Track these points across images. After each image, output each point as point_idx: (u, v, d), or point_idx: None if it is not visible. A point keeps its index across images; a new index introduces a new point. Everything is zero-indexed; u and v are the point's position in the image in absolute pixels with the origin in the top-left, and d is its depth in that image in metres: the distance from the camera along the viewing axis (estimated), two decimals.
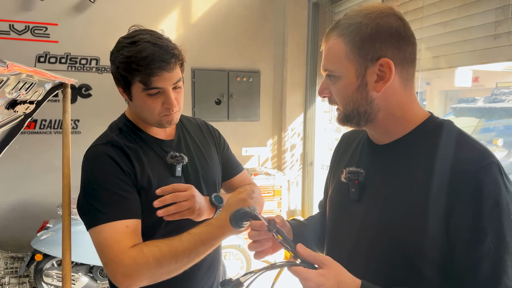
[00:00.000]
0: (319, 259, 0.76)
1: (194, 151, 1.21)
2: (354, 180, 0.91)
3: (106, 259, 0.97)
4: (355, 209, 0.91)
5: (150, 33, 1.08)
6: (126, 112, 1.20)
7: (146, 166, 1.09)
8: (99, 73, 3.57)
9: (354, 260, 0.81)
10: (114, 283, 0.98)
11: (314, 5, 3.81)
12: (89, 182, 1.05)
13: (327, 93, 0.88)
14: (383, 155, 0.90)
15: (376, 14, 0.81)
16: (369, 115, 0.85)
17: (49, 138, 3.48)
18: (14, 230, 3.36)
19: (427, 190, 0.78)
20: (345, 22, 0.83)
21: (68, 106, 1.37)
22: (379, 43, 0.80)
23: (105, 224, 0.99)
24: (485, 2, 2.24)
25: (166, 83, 1.05)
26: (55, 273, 2.97)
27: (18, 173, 3.33)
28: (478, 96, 6.14)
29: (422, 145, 0.84)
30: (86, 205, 1.04)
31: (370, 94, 0.83)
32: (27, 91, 1.24)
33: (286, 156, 4.09)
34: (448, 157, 0.78)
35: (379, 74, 0.81)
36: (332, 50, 0.84)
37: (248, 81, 3.99)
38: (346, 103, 0.85)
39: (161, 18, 3.68)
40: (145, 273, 0.95)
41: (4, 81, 1.09)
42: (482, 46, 2.29)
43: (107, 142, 1.09)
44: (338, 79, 0.84)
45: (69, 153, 1.31)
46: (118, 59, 1.05)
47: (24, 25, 3.31)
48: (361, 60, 0.81)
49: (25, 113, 1.41)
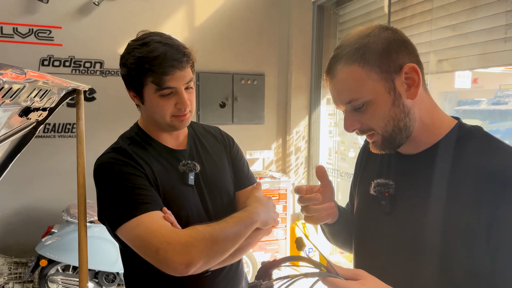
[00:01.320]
0: (354, 272, 0.74)
1: (206, 160, 1.19)
2: (384, 193, 0.90)
3: (156, 245, 0.93)
4: (387, 222, 0.89)
5: (160, 34, 1.08)
6: (139, 121, 1.19)
7: (157, 174, 1.08)
8: (103, 76, 3.54)
9: (389, 274, 0.79)
10: (169, 269, 0.93)
11: (319, 8, 3.80)
12: (107, 186, 1.03)
13: (357, 125, 0.85)
14: (412, 166, 0.88)
15: (378, 31, 0.82)
16: (409, 128, 0.83)
17: (53, 142, 3.45)
18: (18, 235, 3.33)
19: (464, 200, 0.77)
20: (348, 50, 0.81)
21: (82, 112, 1.35)
22: (395, 53, 0.80)
23: (141, 216, 0.96)
24: (495, 5, 2.23)
25: (179, 83, 1.05)
26: (60, 279, 2.94)
27: (22, 177, 3.30)
28: (477, 98, 6.15)
29: (454, 154, 0.82)
30: (111, 207, 1.02)
31: (406, 104, 0.82)
32: (41, 99, 1.22)
33: (291, 159, 4.07)
34: (483, 165, 0.77)
35: (406, 82, 0.81)
36: (349, 80, 0.81)
37: (252, 84, 3.97)
38: (386, 123, 0.83)
39: (165, 21, 3.66)
40: (203, 249, 0.94)
41: (20, 89, 1.06)
42: (492, 49, 2.28)
43: (115, 150, 1.09)
44: (369, 103, 0.82)
45: (83, 161, 1.28)
46: (129, 60, 1.05)
47: (27, 28, 3.29)
48: (385, 75, 0.80)
49: (38, 120, 1.38)
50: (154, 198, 1.02)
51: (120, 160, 1.05)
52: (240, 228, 1.03)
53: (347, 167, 3.67)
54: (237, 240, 1.02)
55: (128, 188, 1.01)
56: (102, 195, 1.05)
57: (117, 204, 1.00)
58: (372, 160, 1.01)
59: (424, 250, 0.82)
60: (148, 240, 0.94)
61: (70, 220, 2.94)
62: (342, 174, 3.75)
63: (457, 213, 0.77)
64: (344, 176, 3.72)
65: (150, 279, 1.08)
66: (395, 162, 0.93)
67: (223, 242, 0.98)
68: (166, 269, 0.93)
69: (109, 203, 1.03)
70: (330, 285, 0.72)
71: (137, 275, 1.12)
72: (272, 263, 0.78)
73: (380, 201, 0.90)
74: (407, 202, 0.87)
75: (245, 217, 1.06)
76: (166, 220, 0.98)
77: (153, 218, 0.97)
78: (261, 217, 1.09)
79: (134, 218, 0.96)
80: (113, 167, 1.04)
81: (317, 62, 3.88)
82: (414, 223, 0.84)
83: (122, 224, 0.98)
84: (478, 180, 0.76)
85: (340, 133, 3.80)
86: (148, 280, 1.09)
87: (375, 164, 0.99)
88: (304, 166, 4.08)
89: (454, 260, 0.78)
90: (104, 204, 1.04)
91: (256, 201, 1.14)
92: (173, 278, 0.96)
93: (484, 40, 2.30)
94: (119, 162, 1.05)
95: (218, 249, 0.98)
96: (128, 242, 0.99)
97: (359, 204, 1.01)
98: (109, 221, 1.02)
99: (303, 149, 4.08)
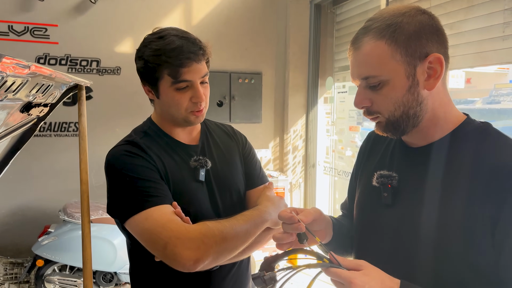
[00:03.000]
0: (356, 263, 0.74)
1: (217, 157, 1.18)
2: (387, 184, 0.88)
3: (165, 239, 0.92)
4: (389, 214, 0.88)
5: (176, 29, 1.09)
6: (152, 116, 1.19)
7: (168, 169, 1.07)
8: (100, 75, 3.52)
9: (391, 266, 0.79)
10: (177, 264, 0.92)
11: (316, 7, 3.81)
12: (118, 178, 1.02)
13: (368, 103, 0.83)
14: (418, 158, 0.87)
15: (414, 12, 0.79)
16: (418, 118, 0.82)
17: (49, 141, 3.42)
18: (14, 235, 3.30)
19: (470, 194, 0.76)
20: (380, 24, 0.79)
21: (84, 108, 1.34)
22: (425, 39, 0.78)
23: (151, 209, 0.96)
24: (492, 4, 2.24)
25: (195, 76, 1.04)
26: (57, 279, 2.92)
27: (18, 177, 3.26)
28: (471, 97, 6.22)
29: (462, 148, 0.81)
30: (120, 199, 1.01)
31: (421, 94, 0.80)
32: (43, 94, 1.20)
33: (289, 158, 4.08)
34: (491, 160, 0.76)
35: (428, 72, 0.79)
36: (373, 55, 0.79)
37: (250, 82, 3.96)
38: (395, 108, 0.81)
39: (162, 19, 3.64)
40: (212, 245, 0.93)
41: (23, 83, 1.05)
42: (489, 48, 2.29)
43: (127, 142, 1.09)
44: (385, 83, 0.80)
45: (86, 158, 1.27)
46: (146, 53, 1.04)
47: (23, 26, 3.25)
48: (409, 59, 0.78)
49: (39, 116, 1.37)
50: (165, 192, 1.01)
51: (132, 152, 1.05)
52: (250, 227, 1.02)
53: (344, 166, 3.68)
54: (247, 238, 1.01)
55: (139, 181, 1.00)
56: (112, 187, 1.04)
57: (127, 196, 0.99)
58: (375, 152, 1.00)
59: (425, 243, 0.81)
60: (156, 234, 0.93)
61: (67, 220, 2.91)
62: (339, 172, 3.75)
63: (462, 207, 0.76)
64: (341, 175, 3.73)
65: (158, 275, 1.07)
66: (400, 154, 0.92)
67: (232, 239, 0.97)
68: (174, 264, 0.92)
69: (119, 195, 1.02)
70: (333, 275, 0.72)
71: (144, 271, 1.11)
72: (275, 257, 0.78)
73: (382, 193, 0.89)
74: (409, 195, 0.86)
75: (255, 215, 1.05)
76: (177, 215, 0.98)
77: (163, 212, 0.96)
78: (272, 217, 1.08)
79: (144, 211, 0.95)
80: (125, 159, 1.03)
81: (314, 61, 3.88)
82: (416, 216, 0.83)
83: (131, 216, 0.97)
84: (484, 174, 0.76)
85: (337, 132, 3.81)
86: (155, 276, 1.08)
87: (378, 156, 0.98)
88: (302, 165, 4.09)
89: (455, 254, 0.77)
90: (114, 196, 1.03)
91: (267, 200, 1.13)
92: (181, 274, 0.95)
93: (482, 38, 2.31)
94: (131, 155, 1.04)
95: (227, 247, 0.97)
96: (137, 235, 0.98)
97: (361, 196, 0.99)
98: (118, 213, 1.01)
99: (301, 148, 4.08)
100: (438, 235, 0.79)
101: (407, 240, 0.84)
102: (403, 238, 0.85)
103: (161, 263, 0.95)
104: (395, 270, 0.76)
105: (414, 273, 0.83)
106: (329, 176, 3.93)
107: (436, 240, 0.79)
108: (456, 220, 0.77)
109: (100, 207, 3.03)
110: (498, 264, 0.74)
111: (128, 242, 1.11)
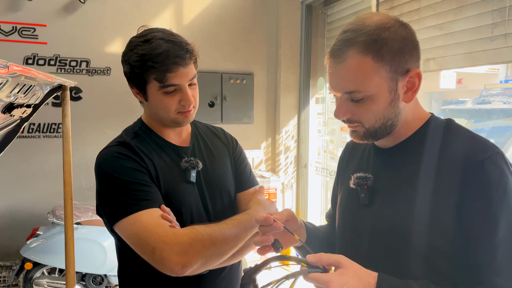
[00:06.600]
0: (334, 259, 0.75)
1: (208, 159, 1.17)
2: (363, 185, 0.92)
3: (153, 244, 0.91)
4: (366, 214, 0.91)
5: (162, 30, 1.07)
6: (142, 117, 1.18)
7: (159, 170, 1.06)
8: (89, 75, 3.48)
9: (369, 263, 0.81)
10: (165, 269, 0.91)
11: (307, 7, 3.81)
12: (108, 180, 1.01)
13: (349, 115, 0.85)
14: (389, 158, 0.91)
15: (397, 26, 0.81)
16: (394, 127, 0.86)
17: (37, 142, 3.37)
18: (2, 238, 3.25)
19: (436, 186, 0.80)
20: (365, 38, 0.78)
21: (68, 109, 1.31)
22: (407, 55, 0.81)
23: (139, 213, 0.95)
24: (481, 4, 2.25)
25: (183, 80, 1.04)
26: (46, 282, 2.88)
27: (5, 178, 3.22)
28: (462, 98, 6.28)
29: (426, 144, 0.86)
30: (109, 201, 1.00)
31: (399, 106, 0.84)
32: (25, 94, 1.18)
33: (280, 158, 4.07)
34: (453, 152, 0.81)
35: (407, 85, 0.83)
36: (358, 70, 0.79)
37: (241, 83, 3.95)
38: (376, 120, 0.83)
39: (152, 19, 3.61)
40: (200, 250, 0.92)
41: (3, 83, 1.03)
42: (478, 48, 2.30)
43: (118, 143, 1.07)
44: (368, 98, 0.81)
45: (70, 159, 1.24)
46: (132, 58, 1.03)
47: (11, 25, 3.21)
48: (392, 75, 0.80)
49: (22, 117, 1.34)
50: (154, 195, 1.00)
51: (123, 154, 1.04)
52: (240, 231, 1.01)
53: (336, 166, 3.68)
54: (237, 242, 1.00)
55: (128, 184, 0.99)
56: (102, 189, 1.03)
57: (116, 199, 0.98)
58: (353, 158, 1.04)
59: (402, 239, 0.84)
60: (144, 239, 0.92)
61: (56, 222, 2.87)
62: (331, 173, 3.75)
63: (430, 199, 0.80)
64: (333, 175, 3.73)
65: (146, 277, 1.06)
66: (374, 156, 0.96)
67: (221, 244, 0.96)
68: (162, 269, 0.91)
69: (108, 197, 1.00)
70: (311, 280, 0.72)
71: (133, 272, 1.10)
72: (254, 268, 0.77)
73: (360, 194, 0.92)
74: (384, 193, 0.89)
75: (245, 220, 1.04)
76: (164, 219, 0.96)
77: (151, 216, 0.95)
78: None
79: (132, 215, 0.95)
80: (115, 161, 1.02)
81: (305, 61, 3.88)
82: (390, 213, 0.86)
83: (119, 220, 0.96)
84: (448, 166, 0.80)
85: (329, 132, 3.81)
86: (143, 277, 1.07)
87: (356, 161, 1.02)
88: (294, 166, 4.08)
89: (431, 245, 0.80)
90: (103, 198, 1.02)
91: (258, 204, 1.12)
92: (170, 277, 0.94)
93: (471, 39, 2.32)
94: (121, 156, 1.03)
95: (216, 251, 0.96)
96: (125, 239, 0.97)
97: (341, 199, 1.03)
98: (107, 216, 1.00)
99: (293, 148, 4.08)
100: (409, 228, 0.82)
101: (384, 237, 0.87)
102: (379, 236, 0.88)
103: (150, 266, 0.94)
104: (375, 268, 0.77)
105: (393, 269, 0.83)
106: (321, 177, 3.93)
107: (408, 234, 0.82)
108: (427, 212, 0.80)
109: (90, 209, 2.99)
110: (467, 250, 0.77)
111: (117, 243, 1.10)
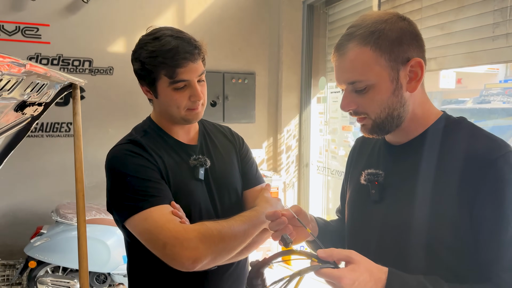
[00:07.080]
0: (345, 254, 0.76)
1: (215, 157, 1.20)
2: (374, 182, 0.93)
3: (164, 239, 0.93)
4: (376, 210, 0.92)
5: (170, 29, 1.10)
6: (151, 115, 1.20)
7: (168, 168, 1.09)
8: (92, 74, 3.50)
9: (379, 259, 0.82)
10: (176, 264, 0.94)
11: (309, 7, 3.83)
12: (119, 177, 1.03)
13: (354, 106, 0.87)
14: (400, 155, 0.92)
15: (395, 19, 0.84)
16: (401, 118, 0.87)
17: (41, 141, 3.39)
18: (6, 237, 3.26)
19: (448, 183, 0.81)
20: (363, 31, 0.83)
21: (79, 107, 1.33)
22: (406, 45, 0.83)
23: (150, 209, 0.97)
24: (482, 4, 2.28)
25: (192, 75, 1.06)
26: (50, 280, 2.89)
27: (9, 177, 3.23)
28: (461, 97, 6.30)
29: (439, 142, 0.87)
30: (120, 198, 1.02)
31: (404, 96, 0.86)
32: (38, 93, 1.20)
33: (282, 157, 4.09)
34: (466, 150, 0.82)
35: (409, 75, 0.85)
36: (358, 60, 0.83)
37: (243, 82, 3.97)
38: (381, 110, 0.85)
39: (155, 19, 3.63)
40: (210, 245, 0.94)
41: (18, 82, 1.05)
42: (479, 48, 2.33)
43: (129, 141, 1.10)
44: (371, 87, 0.84)
45: (81, 156, 1.26)
46: (142, 55, 1.06)
47: (14, 25, 3.22)
48: (392, 64, 0.83)
49: (33, 116, 1.36)
50: (164, 192, 1.02)
51: (134, 151, 1.06)
52: (248, 227, 1.03)
53: (337, 165, 3.70)
54: (245, 238, 1.03)
55: (139, 181, 1.01)
56: (113, 186, 1.05)
57: (127, 196, 1.00)
58: (363, 153, 1.05)
59: (412, 235, 0.84)
60: (155, 234, 0.94)
61: (60, 221, 2.89)
62: (332, 172, 3.78)
63: (442, 196, 0.81)
64: (334, 174, 3.75)
65: (155, 272, 1.08)
66: (385, 152, 0.97)
67: (230, 240, 0.99)
68: (173, 264, 0.94)
69: (119, 194, 1.02)
70: (323, 276, 0.73)
71: (142, 267, 1.12)
72: (262, 262, 0.78)
73: (370, 190, 0.94)
74: (395, 190, 0.90)
75: (253, 216, 1.06)
76: (175, 215, 0.98)
77: (162, 212, 0.97)
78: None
79: (143, 211, 0.97)
80: (126, 159, 1.04)
81: (307, 61, 3.90)
82: (401, 209, 0.87)
83: (130, 216, 0.98)
84: (461, 163, 0.81)
85: (330, 132, 3.83)
86: (153, 272, 1.09)
87: (365, 157, 1.03)
88: (295, 165, 4.10)
89: (440, 242, 0.81)
90: (114, 195, 1.04)
91: (265, 202, 1.14)
92: (179, 273, 0.96)
93: (472, 39, 2.35)
94: (132, 154, 1.05)
95: (225, 247, 0.98)
96: (137, 235, 0.99)
97: (351, 195, 1.04)
98: (118, 212, 1.02)
99: (294, 148, 4.10)
100: (422, 225, 0.83)
101: (393, 233, 0.88)
102: (389, 232, 0.89)
103: (159, 261, 0.96)
104: (385, 263, 0.78)
105: (403, 265, 0.84)
106: (322, 176, 3.95)
107: (418, 230, 0.83)
108: (438, 209, 0.81)
109: (93, 208, 3.01)
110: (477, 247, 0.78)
111: (126, 239, 1.12)
